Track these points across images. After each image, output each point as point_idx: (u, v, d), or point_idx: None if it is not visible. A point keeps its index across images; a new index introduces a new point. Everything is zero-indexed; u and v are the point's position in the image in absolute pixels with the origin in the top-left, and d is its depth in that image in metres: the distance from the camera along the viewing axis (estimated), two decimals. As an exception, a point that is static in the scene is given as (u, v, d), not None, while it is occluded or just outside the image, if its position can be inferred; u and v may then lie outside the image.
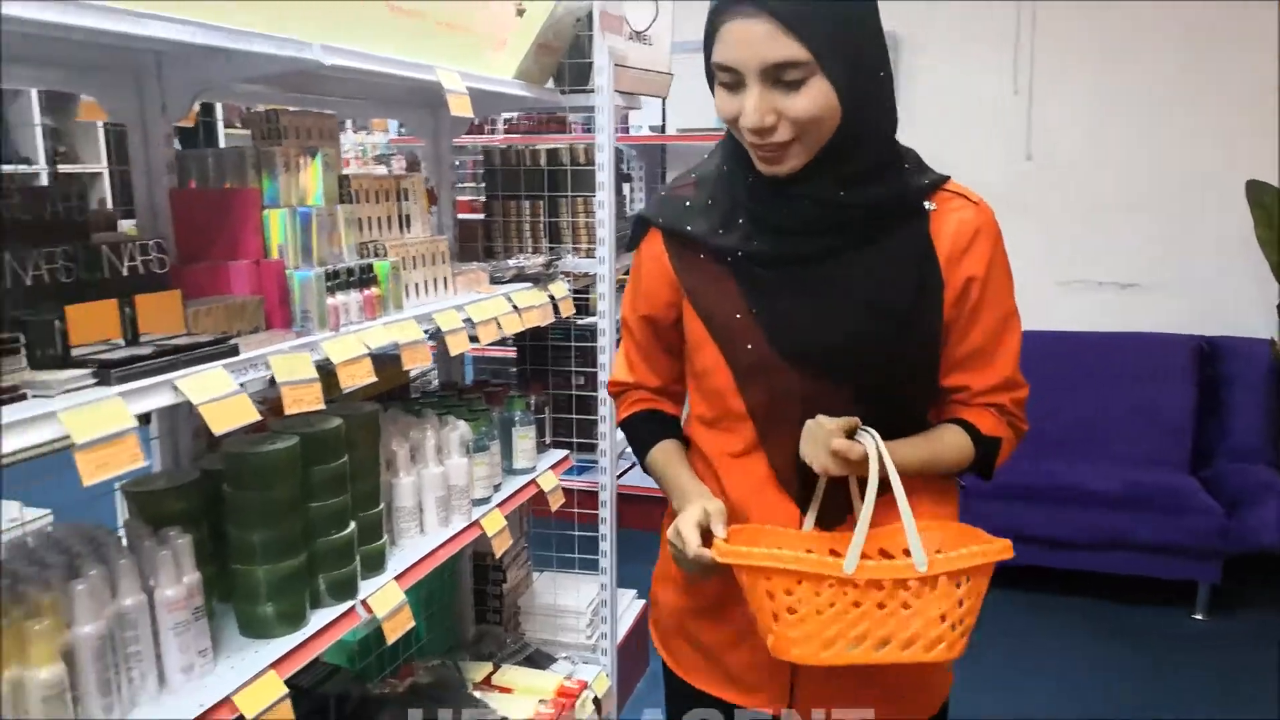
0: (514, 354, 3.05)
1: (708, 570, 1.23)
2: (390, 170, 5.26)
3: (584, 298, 3.03)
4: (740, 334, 1.30)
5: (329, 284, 1.59)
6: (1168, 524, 3.61)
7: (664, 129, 4.70)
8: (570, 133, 3.79)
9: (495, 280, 2.25)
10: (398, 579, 1.71)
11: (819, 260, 1.26)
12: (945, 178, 1.30)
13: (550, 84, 2.52)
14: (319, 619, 1.54)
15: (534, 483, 2.31)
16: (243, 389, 1.33)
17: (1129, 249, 4.32)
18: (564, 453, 2.53)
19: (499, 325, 2.07)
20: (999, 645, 3.40)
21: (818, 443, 1.22)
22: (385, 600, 1.65)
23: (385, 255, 1.82)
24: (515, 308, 2.16)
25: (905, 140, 1.30)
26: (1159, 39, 4.15)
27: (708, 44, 1.19)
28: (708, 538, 1.24)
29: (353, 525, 1.61)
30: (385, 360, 1.71)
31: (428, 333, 1.81)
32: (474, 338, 1.99)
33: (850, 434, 1.22)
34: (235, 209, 1.60)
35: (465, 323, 1.95)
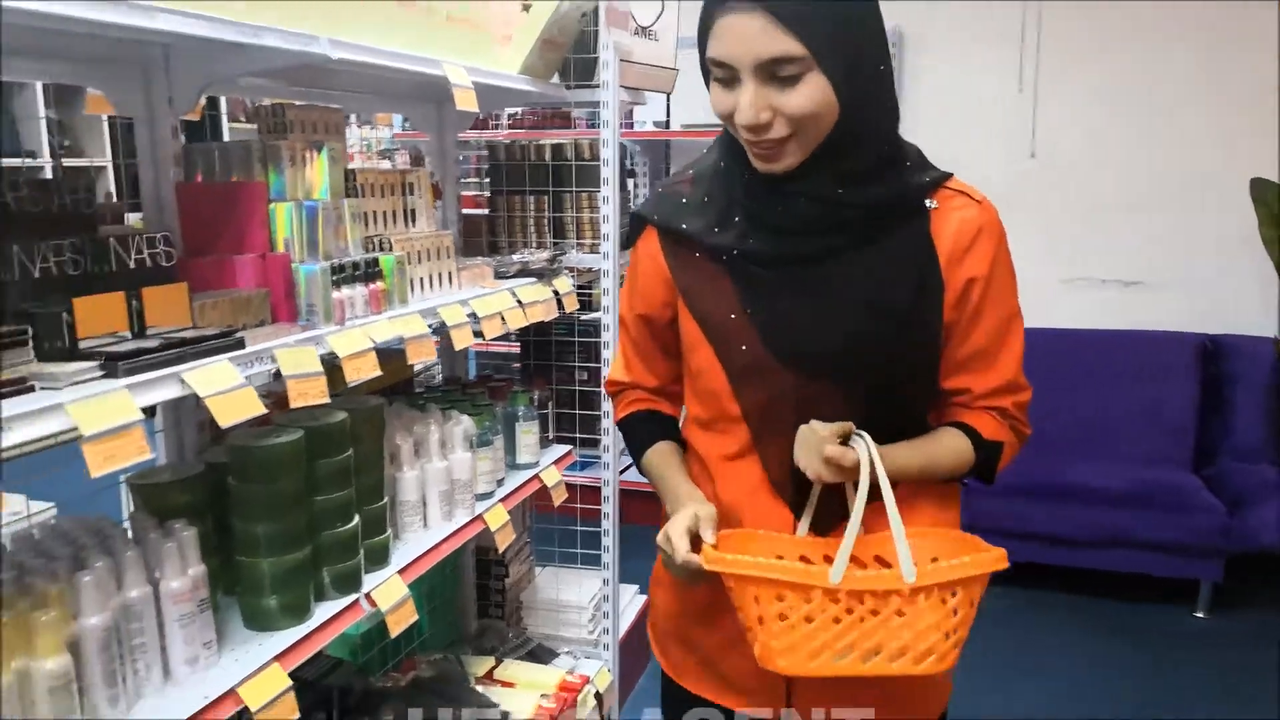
0: (516, 349, 3.06)
1: (697, 576, 1.20)
2: (394, 165, 5.26)
3: (588, 293, 3.03)
4: (735, 335, 1.28)
5: (334, 278, 1.60)
6: (1170, 522, 3.61)
7: (668, 124, 4.70)
8: (574, 128, 3.79)
9: (499, 275, 2.25)
10: (401, 572, 1.71)
11: (816, 260, 1.23)
12: (947, 175, 1.28)
13: (555, 79, 2.52)
14: (323, 612, 1.55)
15: (537, 478, 2.31)
16: (248, 382, 1.33)
17: (1132, 247, 4.32)
18: (567, 448, 2.53)
19: (503, 320, 2.07)
20: (1000, 643, 3.40)
21: (811, 449, 1.20)
22: (389, 594, 1.66)
23: (390, 249, 1.82)
24: (519, 303, 2.16)
25: (908, 137, 1.28)
26: (1163, 37, 4.14)
27: (701, 39, 1.17)
28: (698, 543, 1.22)
29: (357, 519, 1.61)
30: (389, 355, 1.71)
31: (432, 327, 1.81)
32: (478, 333, 2.00)
33: (844, 439, 1.20)
34: (241, 202, 1.60)
35: (470, 317, 1.95)
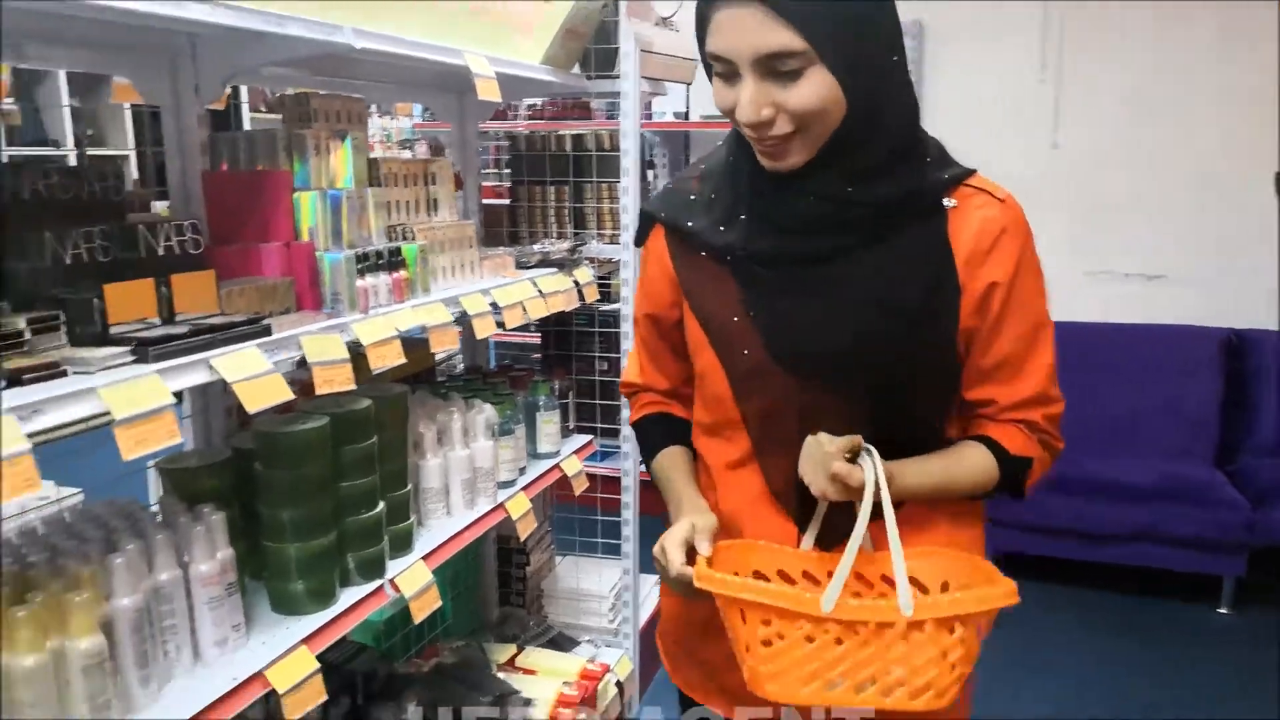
0: (536, 340, 3.06)
1: (691, 590, 1.15)
2: (413, 155, 5.28)
3: (607, 284, 3.04)
4: (737, 338, 1.23)
5: (358, 266, 1.61)
6: (1193, 517, 3.59)
7: (687, 116, 4.69)
8: (593, 119, 3.79)
9: (520, 265, 2.26)
10: (425, 559, 1.73)
11: (823, 261, 1.18)
12: (969, 172, 1.21)
13: (576, 69, 2.53)
14: (348, 597, 1.56)
15: (558, 467, 2.32)
16: (275, 368, 1.34)
17: (1155, 240, 4.29)
18: (588, 438, 2.54)
19: (524, 310, 2.08)
20: (1020, 639, 3.40)
21: (816, 464, 1.14)
22: (413, 580, 1.67)
23: (413, 239, 1.83)
24: (540, 292, 2.17)
25: (929, 129, 1.22)
26: (1187, 29, 4.10)
27: (700, 33, 1.12)
28: (695, 555, 1.18)
29: (381, 505, 1.63)
30: (412, 344, 1.72)
31: (454, 316, 1.82)
32: (500, 322, 2.01)
33: (854, 455, 1.14)
34: (267, 191, 1.61)
35: (491, 307, 1.96)
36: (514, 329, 2.13)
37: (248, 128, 5.11)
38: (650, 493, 3.01)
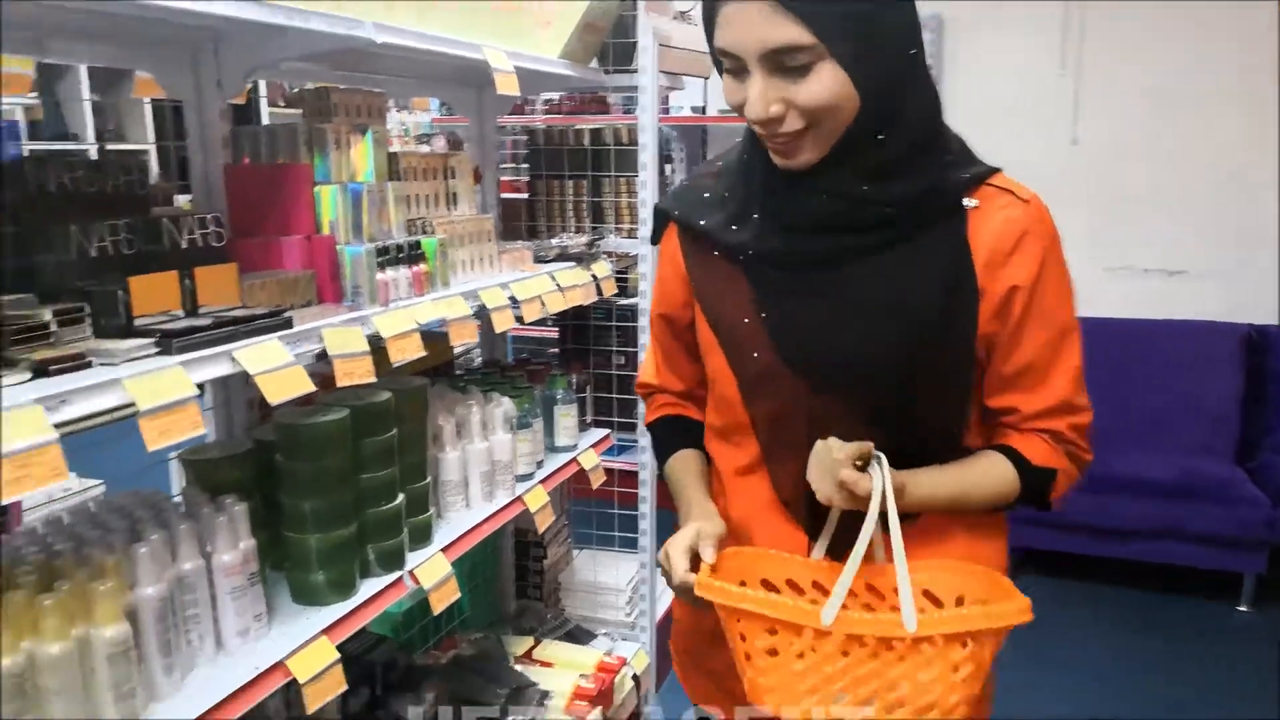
0: (552, 334, 3.07)
1: (694, 597, 1.12)
2: (431, 150, 5.29)
3: (625, 277, 3.04)
4: (747, 340, 1.20)
5: (379, 260, 1.62)
6: (1213, 514, 3.57)
7: (705, 110, 4.68)
8: (610, 114, 3.79)
9: (539, 259, 2.27)
10: (444, 551, 1.74)
11: (836, 262, 1.14)
12: (993, 171, 1.17)
13: (594, 64, 2.53)
14: (368, 588, 1.57)
15: (575, 460, 2.33)
16: (297, 361, 1.35)
17: (1176, 235, 4.26)
18: (605, 432, 2.55)
19: (543, 303, 2.08)
20: (1039, 636, 3.37)
21: (825, 470, 1.10)
22: (432, 571, 1.68)
23: (433, 232, 1.84)
24: (559, 286, 2.17)
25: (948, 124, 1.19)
26: (1208, 21, 4.06)
27: (708, 28, 1.10)
28: (700, 561, 1.14)
29: (401, 497, 1.64)
30: (431, 337, 1.73)
31: (473, 310, 1.83)
32: (518, 317, 2.01)
33: (864, 462, 1.10)
34: (288, 185, 1.62)
35: (510, 301, 1.97)
36: (531, 323, 2.14)
37: (266, 122, 5.13)
38: (668, 486, 3.02)
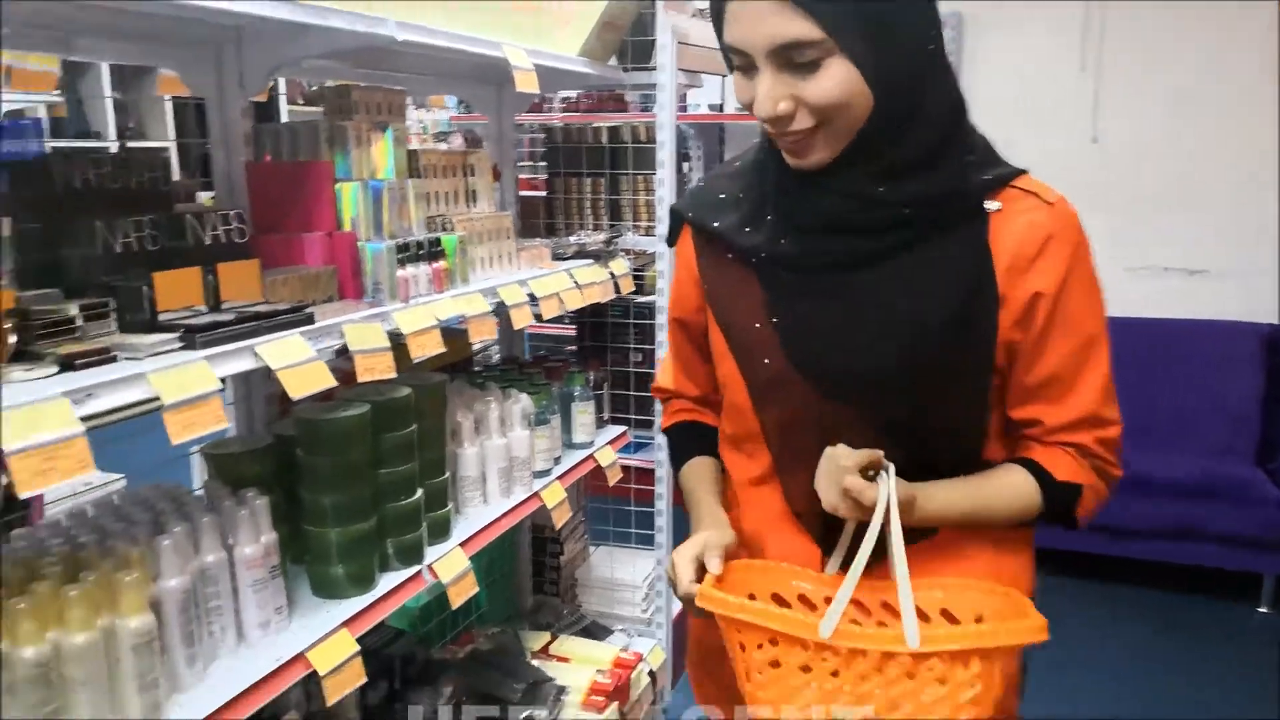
0: (569, 332, 3.08)
1: (697, 607, 1.10)
2: (449, 148, 5.31)
3: (642, 275, 3.05)
4: (758, 345, 1.16)
5: (399, 256, 1.63)
6: (1233, 515, 3.54)
7: (722, 108, 4.68)
8: (628, 112, 3.79)
9: (557, 256, 2.28)
10: (462, 545, 1.75)
11: (850, 266, 1.10)
12: (1018, 172, 1.13)
13: (613, 61, 2.54)
14: (387, 582, 1.59)
15: (592, 457, 2.34)
16: (319, 356, 1.36)
17: (1197, 234, 4.22)
18: (621, 429, 2.55)
19: (561, 301, 2.09)
20: (1057, 635, 3.36)
21: (830, 478, 1.07)
22: (450, 566, 1.69)
23: (453, 230, 1.85)
24: (576, 284, 2.18)
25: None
26: (1230, 18, 4.03)
27: (717, 24, 1.07)
28: (707, 572, 1.12)
29: (420, 492, 1.65)
30: (449, 334, 1.74)
31: (492, 306, 1.84)
32: (537, 314, 2.02)
33: (873, 470, 1.07)
34: (309, 182, 1.64)
35: (529, 298, 1.98)
36: (548, 320, 2.15)
37: (285, 120, 5.16)
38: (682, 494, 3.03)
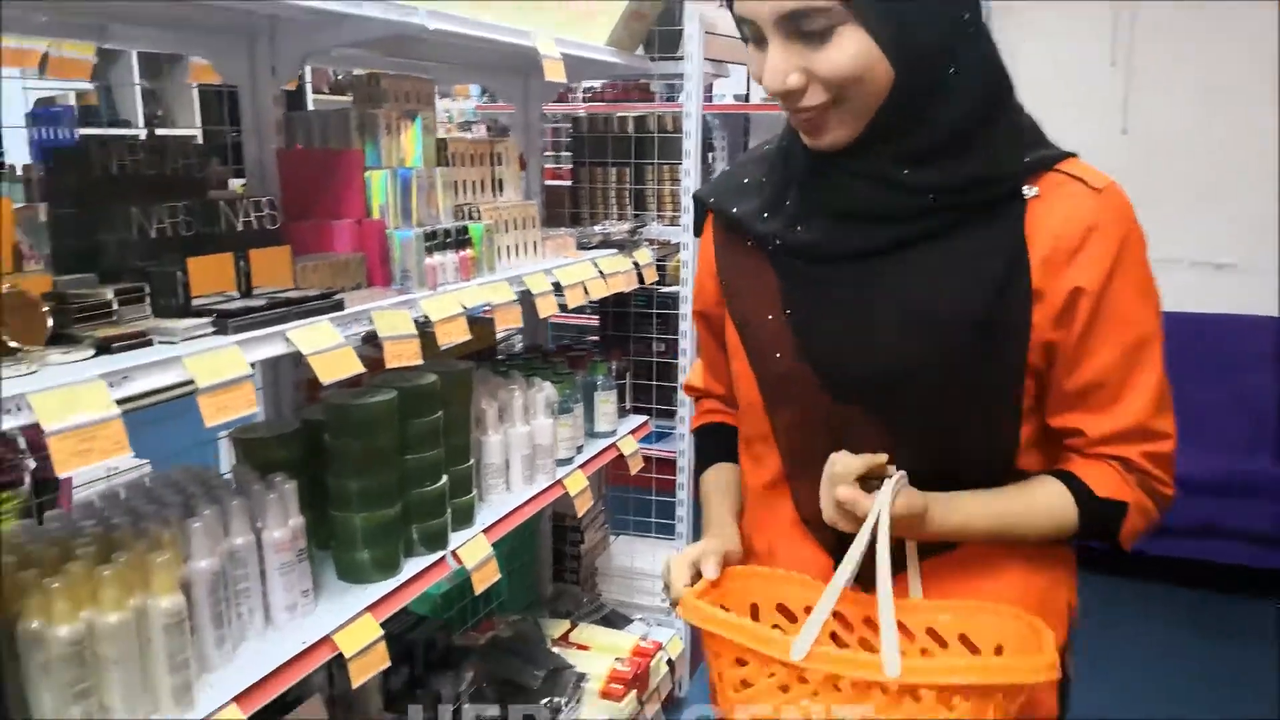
0: (591, 322, 3.09)
1: None
2: (473, 137, 5.32)
3: (665, 266, 3.05)
4: (770, 340, 1.08)
5: (427, 244, 1.64)
6: (1255, 511, 3.52)
7: (748, 98, 4.66)
8: (653, 102, 3.79)
9: (582, 246, 2.28)
10: (485, 532, 1.76)
11: (871, 256, 1.02)
12: (1063, 156, 1.04)
13: (640, 51, 2.54)
14: (412, 567, 1.60)
15: (614, 446, 2.35)
16: (348, 342, 1.38)
17: (1224, 227, 4.18)
18: (643, 418, 2.56)
19: (586, 290, 2.10)
20: (1085, 633, 3.35)
21: (828, 486, 1.00)
22: (474, 552, 1.71)
23: (479, 218, 1.86)
24: (601, 273, 2.19)
25: None
26: (1260, 12, 3.98)
27: None
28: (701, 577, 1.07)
29: (445, 478, 1.66)
30: (474, 322, 1.75)
31: (518, 295, 1.85)
32: (562, 304, 2.03)
33: (875, 478, 0.99)
34: (339, 170, 1.65)
35: (553, 286, 1.99)
36: (571, 310, 2.15)
37: (310, 109, 5.18)
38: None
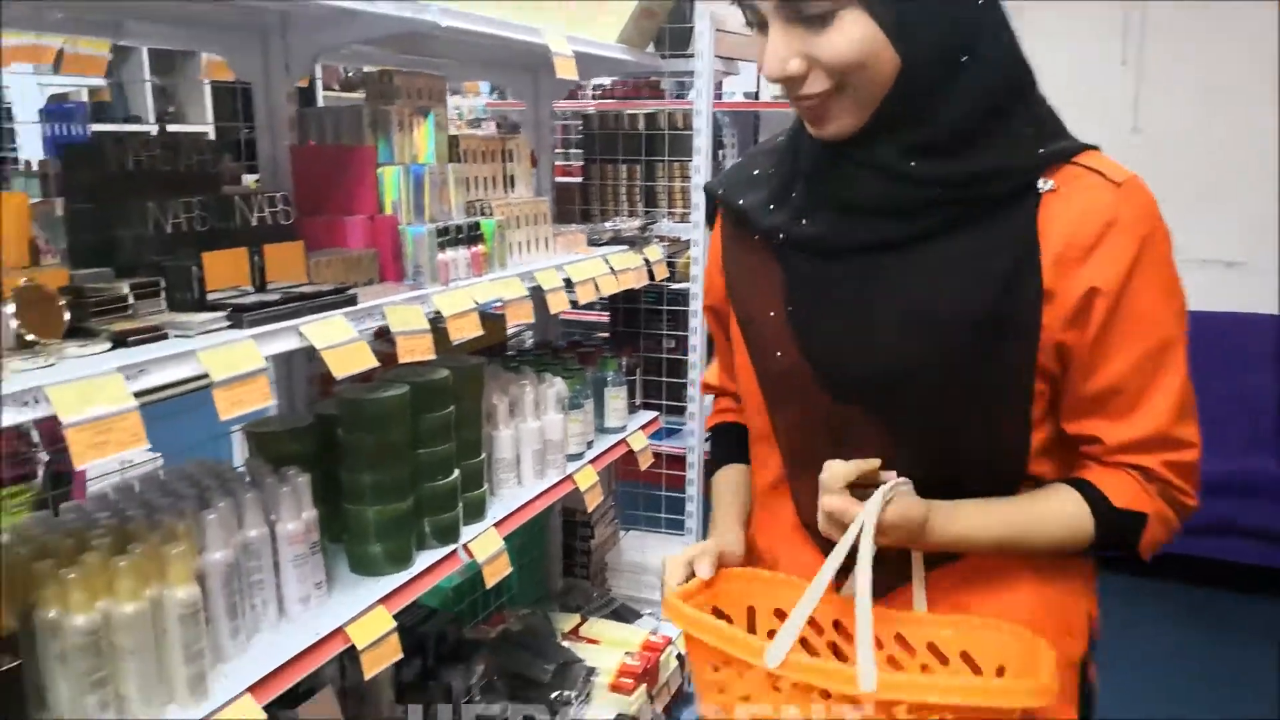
0: (600, 319, 3.10)
1: None
2: (483, 134, 5.32)
3: (675, 263, 3.06)
4: (772, 336, 1.05)
5: (439, 240, 1.65)
6: (1263, 510, 3.51)
7: (758, 96, 4.66)
8: (663, 99, 3.80)
9: (592, 242, 2.29)
10: (496, 526, 1.77)
11: (874, 251, 0.98)
12: (1082, 148, 1.00)
13: (650, 48, 2.54)
14: (423, 560, 1.61)
15: (624, 442, 2.35)
16: (361, 336, 1.39)
17: (1235, 226, 4.17)
18: (653, 414, 2.57)
19: (596, 286, 2.11)
20: (1105, 632, 3.35)
21: (820, 495, 0.96)
22: (485, 546, 1.72)
23: (491, 214, 1.87)
24: (611, 269, 2.20)
25: None
26: (1271, 11, 3.96)
27: None
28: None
29: (456, 473, 1.67)
30: (484, 318, 1.76)
31: (529, 290, 1.86)
32: (573, 301, 2.04)
33: (870, 485, 0.94)
34: (352, 166, 1.66)
35: (564, 283, 2.00)
36: (581, 306, 2.16)
37: (321, 105, 5.19)
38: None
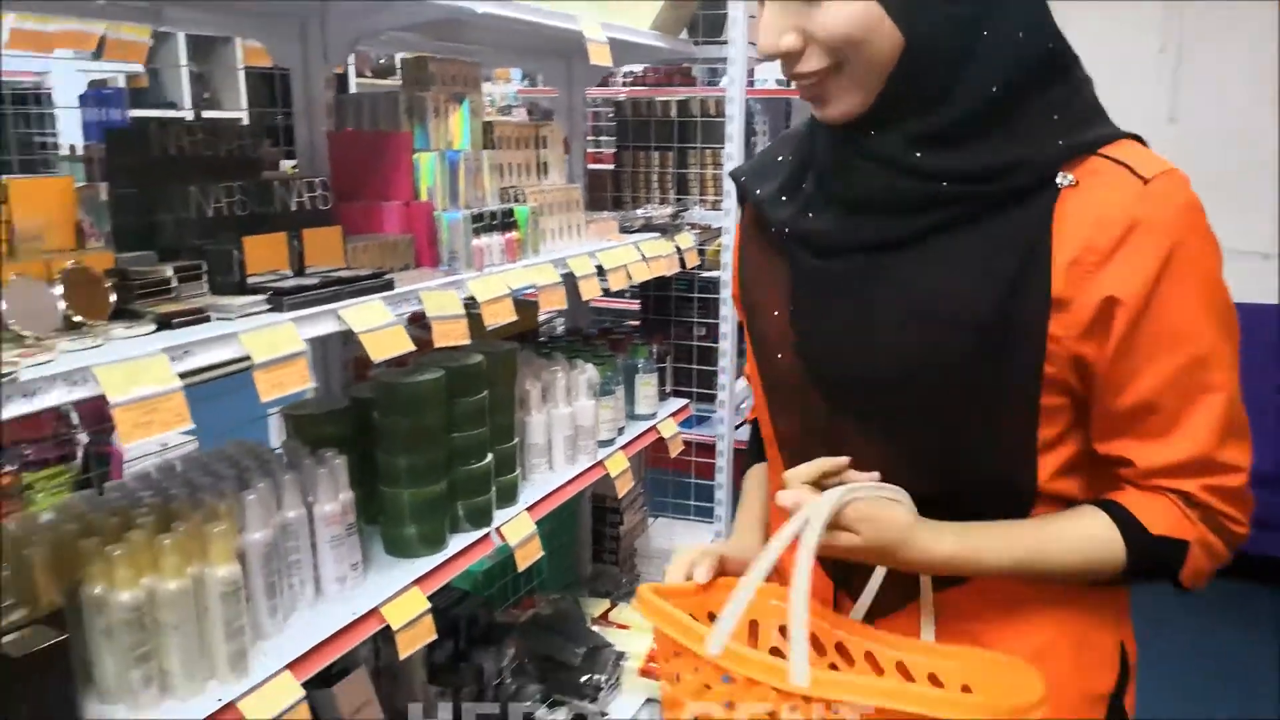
0: (631, 306, 3.10)
1: None
2: (515, 120, 5.33)
3: (704, 250, 3.05)
4: (775, 337, 1.01)
5: (474, 226, 1.66)
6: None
7: (789, 83, 4.64)
8: (694, 86, 3.79)
9: (624, 229, 2.30)
10: (529, 510, 1.79)
11: (878, 249, 0.92)
12: (1111, 137, 0.92)
13: (684, 35, 2.54)
14: (457, 543, 1.63)
15: (654, 429, 2.36)
16: (398, 320, 1.40)
17: (1272, 217, 4.11)
18: (684, 401, 2.57)
19: (628, 273, 2.11)
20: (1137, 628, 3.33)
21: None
22: (517, 529, 1.73)
23: (525, 201, 1.88)
24: (643, 257, 2.20)
25: None
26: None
27: None
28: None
29: (490, 457, 1.69)
30: (518, 304, 1.77)
31: (562, 277, 1.86)
32: (605, 289, 2.04)
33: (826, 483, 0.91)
34: (388, 152, 1.68)
35: (596, 269, 2.00)
36: (611, 294, 2.17)
37: (353, 92, 5.22)
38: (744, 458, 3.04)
